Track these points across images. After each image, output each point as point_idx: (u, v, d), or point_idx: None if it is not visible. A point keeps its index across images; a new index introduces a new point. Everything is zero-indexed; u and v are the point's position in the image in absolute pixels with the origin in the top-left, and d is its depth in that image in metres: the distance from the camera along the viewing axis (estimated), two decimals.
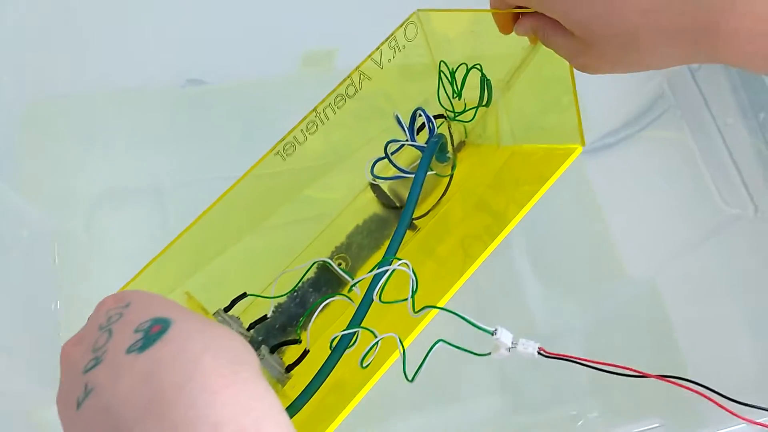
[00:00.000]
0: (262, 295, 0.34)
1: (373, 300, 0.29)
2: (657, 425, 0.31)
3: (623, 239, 0.47)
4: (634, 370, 0.26)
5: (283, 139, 0.32)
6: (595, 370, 0.27)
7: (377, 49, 0.34)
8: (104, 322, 0.23)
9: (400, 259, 0.29)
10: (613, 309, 0.47)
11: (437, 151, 0.36)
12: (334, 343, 0.30)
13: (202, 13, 0.46)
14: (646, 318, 0.45)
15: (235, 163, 0.34)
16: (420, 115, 0.36)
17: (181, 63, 0.46)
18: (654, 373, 0.25)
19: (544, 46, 0.34)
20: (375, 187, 0.39)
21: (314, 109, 0.33)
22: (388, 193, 0.40)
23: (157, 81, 0.46)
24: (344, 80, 0.34)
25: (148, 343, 0.20)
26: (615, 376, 0.26)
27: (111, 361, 0.20)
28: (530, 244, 0.49)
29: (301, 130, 0.33)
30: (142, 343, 0.20)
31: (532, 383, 0.45)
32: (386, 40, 0.35)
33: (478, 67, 0.36)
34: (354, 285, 0.30)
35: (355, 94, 0.34)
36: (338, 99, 0.34)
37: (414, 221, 0.39)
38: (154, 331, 0.20)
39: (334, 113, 0.34)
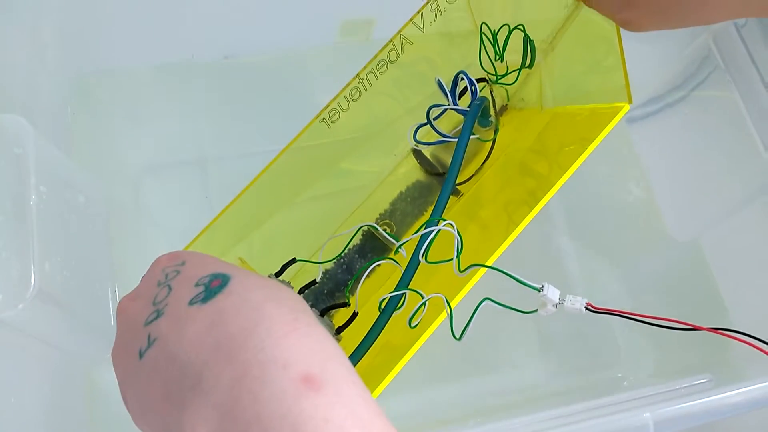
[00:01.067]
0: (311, 260, 0.35)
1: (419, 261, 0.30)
2: (705, 380, 0.31)
3: (667, 202, 0.46)
4: (685, 323, 0.26)
5: (327, 106, 0.33)
6: (637, 333, 0.27)
7: (418, 12, 0.34)
8: (162, 279, 0.23)
9: (445, 220, 0.30)
10: (655, 272, 0.46)
11: (480, 115, 0.36)
12: (383, 305, 0.30)
13: None
14: (691, 281, 0.44)
15: (275, 137, 0.35)
16: (462, 79, 0.36)
17: (221, 37, 0.47)
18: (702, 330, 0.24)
19: (586, 6, 0.33)
20: (417, 154, 0.40)
21: (357, 75, 0.33)
22: (430, 159, 0.40)
23: (198, 55, 0.46)
24: (386, 45, 0.34)
25: (210, 295, 0.21)
26: (658, 336, 0.26)
27: (174, 313, 0.21)
28: (570, 209, 0.49)
29: (345, 96, 0.33)
30: (204, 296, 0.21)
31: (573, 349, 0.44)
32: (427, 3, 0.34)
33: (520, 27, 0.36)
34: (400, 247, 0.31)
35: (397, 59, 0.35)
36: (380, 64, 0.34)
37: (457, 187, 0.39)
38: (214, 285, 0.21)
39: (377, 79, 0.34)
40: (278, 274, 0.35)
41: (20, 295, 0.29)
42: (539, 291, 0.27)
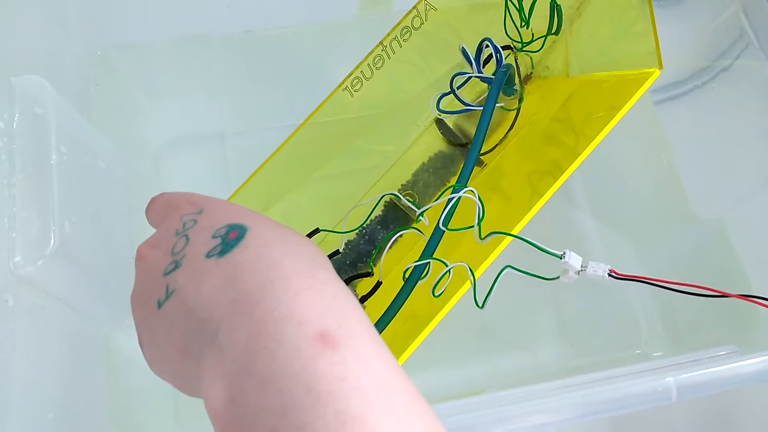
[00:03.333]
0: (334, 230, 0.35)
1: (443, 229, 0.30)
2: (730, 351, 0.30)
3: (691, 180, 0.45)
4: (712, 289, 0.25)
5: (350, 75, 0.32)
6: (657, 310, 0.27)
7: None
8: (180, 228, 0.23)
9: (466, 187, 0.29)
10: (678, 251, 0.45)
11: (504, 83, 0.36)
12: (407, 274, 0.30)
13: None
14: (715, 261, 0.43)
15: (295, 111, 0.34)
16: (487, 46, 0.35)
17: (240, 10, 0.46)
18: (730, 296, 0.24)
19: None
20: (440, 124, 0.39)
21: (380, 42, 0.33)
22: (453, 129, 0.39)
23: (218, 29, 0.46)
24: (410, 11, 0.33)
25: (227, 248, 0.21)
26: (679, 314, 0.26)
27: (191, 266, 0.21)
28: (591, 187, 0.48)
29: (368, 64, 0.33)
30: (220, 249, 0.21)
31: (592, 327, 0.44)
32: None
33: None
34: (421, 214, 0.31)
35: (420, 26, 0.34)
36: (404, 31, 0.33)
37: (480, 157, 0.39)
38: (231, 237, 0.21)
39: (401, 47, 0.34)
40: None
41: (40, 252, 0.30)
42: (561, 258, 0.26)
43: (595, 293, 0.43)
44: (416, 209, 0.32)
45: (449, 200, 0.29)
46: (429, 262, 0.30)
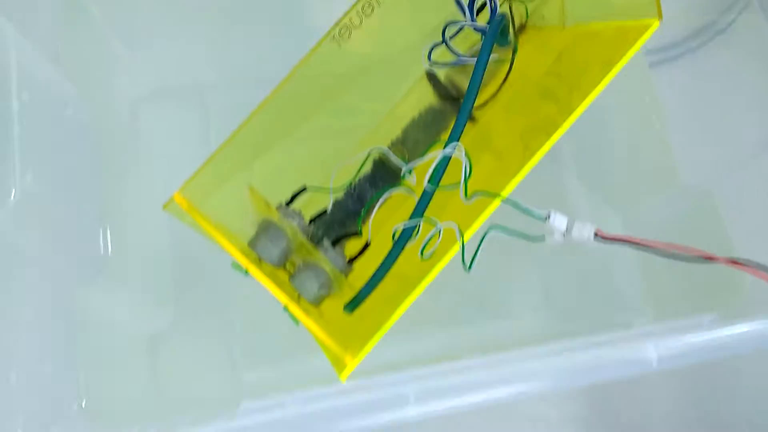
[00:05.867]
0: (322, 187, 0.34)
1: (432, 188, 0.29)
2: (711, 318, 0.30)
3: (683, 145, 0.44)
4: (702, 253, 0.25)
5: (338, 22, 0.31)
6: (640, 279, 0.26)
7: None
8: None
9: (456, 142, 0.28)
10: (664, 219, 0.45)
11: (498, 34, 0.34)
12: (397, 235, 0.30)
13: None
14: (700, 229, 0.43)
15: (279, 62, 0.33)
16: None
17: None
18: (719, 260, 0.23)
19: None
20: (431, 77, 0.38)
21: None
22: (444, 83, 0.38)
23: None
24: None
25: None
26: (662, 282, 0.26)
27: None
28: (580, 149, 0.47)
29: (357, 11, 0.31)
30: None
31: (576, 296, 0.44)
32: None
33: None
34: (408, 171, 0.30)
35: None
36: None
37: (472, 111, 0.38)
38: None
39: None
40: (288, 203, 0.34)
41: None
42: (545, 220, 0.26)
43: (580, 260, 0.43)
44: (403, 163, 0.31)
45: (438, 157, 0.27)
46: (419, 223, 0.29)
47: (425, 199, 0.29)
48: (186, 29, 0.45)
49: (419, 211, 0.29)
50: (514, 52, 0.36)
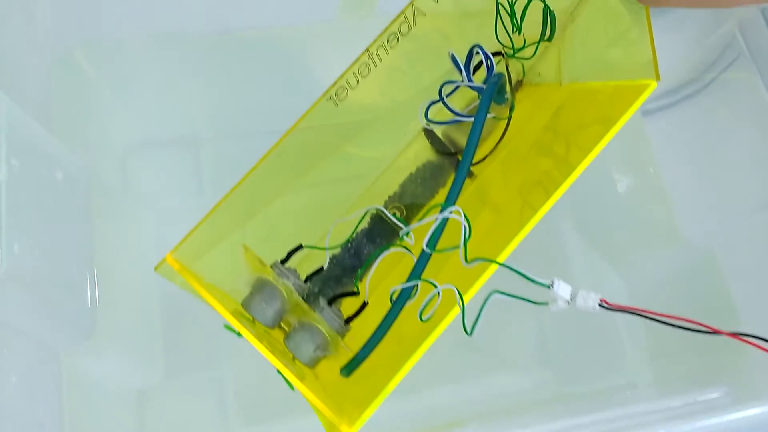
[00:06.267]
0: (318, 246, 0.33)
1: (430, 252, 0.28)
2: (719, 395, 0.29)
3: (680, 200, 0.44)
4: (705, 325, 0.25)
5: (335, 84, 0.31)
6: (643, 337, 0.26)
7: None
8: None
9: (453, 206, 0.28)
10: (665, 277, 0.45)
11: (495, 92, 0.34)
12: (395, 296, 0.29)
13: None
14: (704, 288, 0.42)
15: (272, 117, 0.33)
16: (477, 53, 0.34)
17: (217, 9, 0.44)
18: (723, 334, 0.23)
19: None
20: (429, 133, 0.38)
21: (366, 50, 0.31)
22: (442, 138, 0.38)
23: (193, 28, 0.44)
24: (398, 16, 0.31)
25: None
26: (665, 341, 0.25)
27: None
28: (577, 201, 0.47)
29: (353, 73, 0.31)
30: None
31: (576, 351, 0.43)
32: None
33: None
34: (405, 233, 0.29)
35: (408, 32, 0.32)
36: (391, 38, 0.32)
37: (470, 167, 0.37)
38: None
39: (387, 54, 0.32)
40: (284, 261, 0.33)
41: None
42: (549, 287, 0.25)
43: (581, 315, 0.42)
44: (402, 225, 0.30)
45: (435, 222, 0.27)
46: (417, 284, 0.29)
47: (423, 261, 0.28)
48: (178, 82, 0.45)
49: (417, 272, 0.28)
50: (511, 109, 0.36)
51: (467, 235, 0.26)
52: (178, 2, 0.43)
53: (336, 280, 0.36)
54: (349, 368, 0.29)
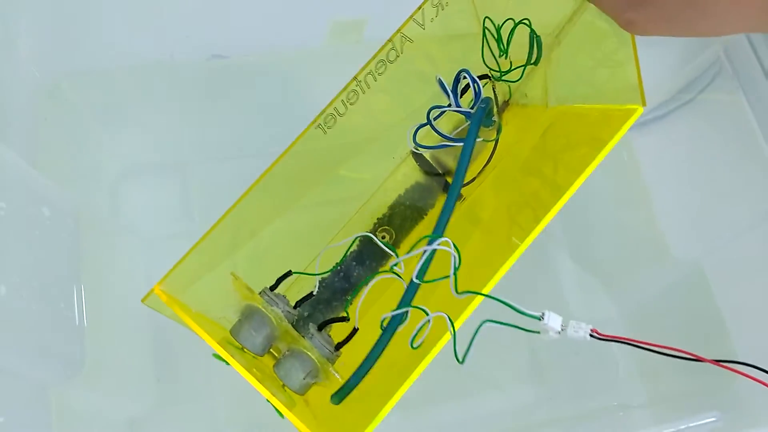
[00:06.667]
0: (307, 272, 0.33)
1: (418, 282, 0.28)
2: (713, 419, 0.30)
3: (669, 218, 0.45)
4: (691, 354, 0.25)
5: (323, 111, 0.31)
6: (635, 357, 0.26)
7: (419, 8, 0.32)
8: None
9: (441, 237, 0.28)
10: (656, 294, 0.45)
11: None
12: (385, 323, 0.29)
13: None
14: (694, 306, 0.42)
15: (260, 141, 0.33)
16: (464, 77, 0.34)
17: (203, 36, 0.44)
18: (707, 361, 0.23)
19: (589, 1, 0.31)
20: (417, 156, 0.38)
21: (355, 78, 0.31)
22: (430, 160, 0.38)
23: (180, 55, 0.44)
24: (385, 44, 0.31)
25: None
26: (657, 362, 0.25)
27: None
28: (566, 223, 0.47)
29: (342, 101, 0.31)
30: None
31: (568, 372, 0.43)
32: None
33: (525, 22, 0.34)
34: (394, 265, 0.29)
35: (396, 58, 0.32)
36: (379, 65, 0.32)
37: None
38: None
39: (375, 81, 0.32)
40: (273, 288, 0.33)
41: None
42: (540, 320, 0.25)
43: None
44: (391, 251, 0.30)
45: (424, 255, 0.27)
46: (408, 311, 0.29)
47: (412, 290, 0.28)
48: (165, 109, 0.45)
49: (407, 301, 0.28)
50: (499, 131, 0.37)
51: (457, 265, 0.27)
52: (163, 31, 0.43)
53: (326, 304, 0.36)
54: (339, 396, 0.29)
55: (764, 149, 0.37)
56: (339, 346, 0.32)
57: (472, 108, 0.34)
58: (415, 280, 0.28)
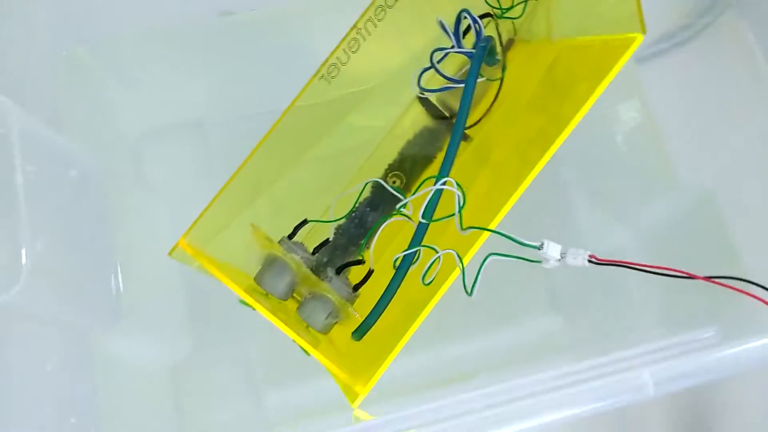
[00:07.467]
0: (322, 219, 0.35)
1: (427, 222, 0.30)
2: (711, 334, 0.31)
3: (678, 147, 0.44)
4: (682, 272, 0.26)
5: (326, 62, 0.31)
6: (649, 281, 0.27)
7: None
8: None
9: (446, 178, 0.29)
10: (666, 221, 0.45)
11: (486, 54, 0.34)
12: (398, 263, 0.30)
13: None
14: (704, 230, 0.43)
15: (275, 96, 0.34)
16: (465, 18, 0.34)
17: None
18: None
19: None
20: (423, 99, 0.38)
21: (354, 26, 0.32)
22: (436, 104, 0.38)
23: (188, 16, 0.45)
24: None
25: None
26: (670, 285, 0.26)
27: None
28: (576, 154, 0.47)
29: (344, 49, 0.32)
30: None
31: (583, 299, 0.44)
32: None
33: None
34: (402, 206, 0.31)
35: (396, 2, 0.33)
36: (378, 11, 0.32)
37: (466, 131, 0.38)
38: None
39: (376, 27, 0.33)
40: (291, 236, 0.35)
41: (13, 279, 0.30)
42: (539, 249, 0.27)
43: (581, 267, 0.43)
44: (400, 195, 0.31)
45: (429, 195, 0.28)
46: (419, 250, 0.30)
47: (421, 231, 0.29)
48: (179, 70, 0.46)
49: (417, 241, 0.29)
50: (503, 69, 0.37)
51: (461, 204, 0.28)
52: None
53: (343, 249, 0.37)
54: (359, 332, 0.31)
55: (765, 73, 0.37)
56: (356, 288, 0.34)
57: (474, 46, 0.34)
58: (421, 219, 0.29)
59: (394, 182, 0.38)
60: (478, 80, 0.33)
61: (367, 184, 0.35)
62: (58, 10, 0.41)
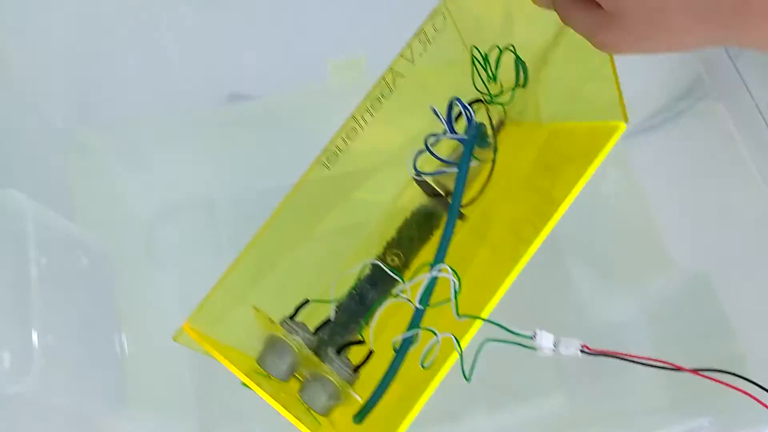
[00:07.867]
0: (323, 299, 0.36)
1: (423, 308, 0.30)
2: (707, 424, 0.31)
3: (669, 227, 0.46)
4: (669, 363, 0.26)
5: (325, 150, 0.33)
6: (657, 355, 0.27)
7: (408, 45, 0.34)
8: None
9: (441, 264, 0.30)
10: (664, 300, 0.46)
11: (477, 138, 0.36)
12: (397, 345, 0.31)
13: (223, 39, 0.46)
14: (700, 310, 0.43)
15: (279, 174, 0.35)
16: (457, 104, 0.36)
17: (218, 79, 0.47)
18: (707, 367, 0.25)
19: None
20: (419, 180, 0.40)
21: (352, 116, 0.33)
22: (432, 183, 0.40)
23: (196, 102, 0.47)
24: (378, 83, 0.34)
25: None
26: (673, 371, 0.26)
27: None
28: (573, 232, 0.48)
29: (342, 138, 0.33)
30: None
31: (589, 378, 0.44)
32: (415, 35, 0.34)
33: (510, 48, 0.35)
34: (400, 291, 0.31)
35: (390, 94, 0.34)
36: (375, 102, 0.34)
37: (461, 210, 0.39)
38: None
39: (372, 116, 0.34)
40: (292, 317, 0.35)
41: (25, 369, 0.30)
42: (532, 338, 0.27)
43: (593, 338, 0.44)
44: (398, 277, 0.32)
45: (425, 281, 0.29)
46: (418, 332, 0.31)
47: (418, 315, 0.30)
48: (188, 152, 0.48)
49: (414, 324, 0.30)
50: (495, 151, 0.38)
51: (457, 290, 0.28)
52: (175, 83, 0.46)
53: (343, 327, 0.38)
54: (360, 415, 0.31)
55: (747, 160, 0.38)
56: (357, 369, 0.34)
57: (466, 133, 0.35)
58: (417, 306, 0.30)
59: (392, 259, 0.39)
60: (471, 164, 0.34)
61: (365, 265, 0.36)
62: (69, 95, 0.43)
